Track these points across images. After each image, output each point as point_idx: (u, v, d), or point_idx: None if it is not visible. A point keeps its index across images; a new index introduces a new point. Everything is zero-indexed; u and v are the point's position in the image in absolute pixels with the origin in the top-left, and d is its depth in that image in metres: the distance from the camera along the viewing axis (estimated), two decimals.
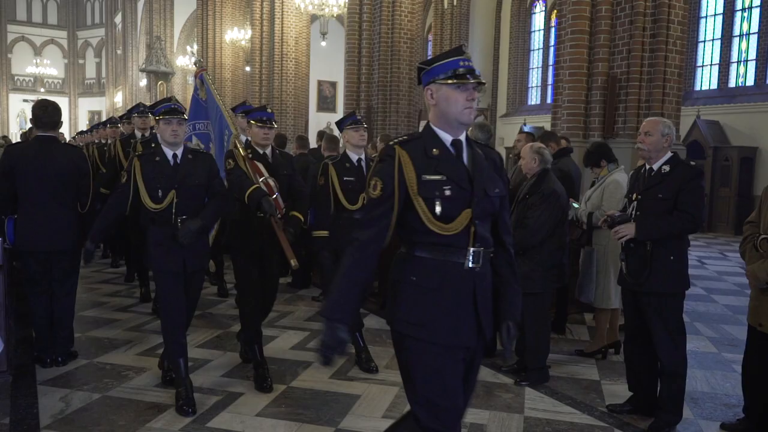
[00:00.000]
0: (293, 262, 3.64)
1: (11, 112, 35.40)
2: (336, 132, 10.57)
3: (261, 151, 3.94)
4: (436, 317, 2.04)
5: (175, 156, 3.57)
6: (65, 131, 23.87)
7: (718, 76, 14.88)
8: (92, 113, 37.23)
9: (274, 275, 4.15)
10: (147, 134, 5.76)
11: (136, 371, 4.09)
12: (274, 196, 3.80)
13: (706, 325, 5.72)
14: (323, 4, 13.64)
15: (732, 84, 14.62)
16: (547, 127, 9.08)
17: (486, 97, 20.30)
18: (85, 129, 14.47)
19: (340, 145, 5.66)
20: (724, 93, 14.56)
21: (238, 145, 3.94)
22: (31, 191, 4.00)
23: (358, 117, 4.34)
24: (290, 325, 5.33)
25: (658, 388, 3.47)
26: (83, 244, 4.29)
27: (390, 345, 3.69)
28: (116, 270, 7.50)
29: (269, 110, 4.00)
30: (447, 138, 2.11)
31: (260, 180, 3.80)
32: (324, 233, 4.18)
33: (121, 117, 7.51)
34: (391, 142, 2.12)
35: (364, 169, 4.24)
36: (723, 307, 6.54)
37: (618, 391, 3.93)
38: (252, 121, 3.91)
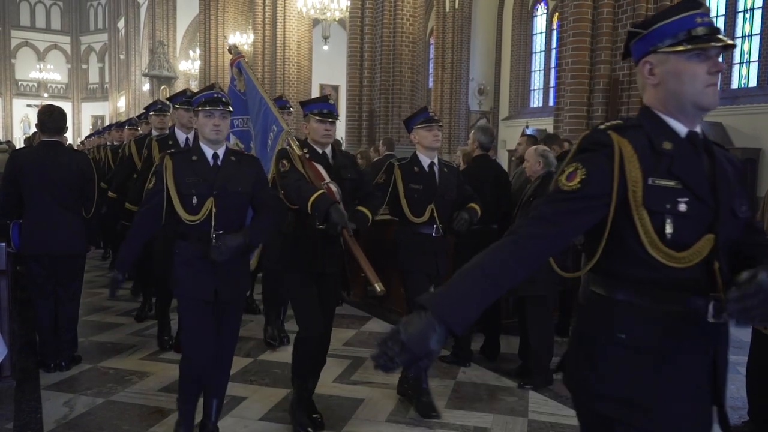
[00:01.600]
0: (378, 287, 2.86)
1: (15, 117, 35.52)
2: (339, 135, 10.59)
3: (320, 151, 3.30)
4: (665, 397, 1.41)
5: (215, 156, 2.95)
6: (68, 136, 23.99)
7: (721, 77, 14.85)
8: (95, 118, 37.34)
9: (333, 301, 3.46)
10: (166, 133, 5.09)
11: (139, 376, 4.09)
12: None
13: None
14: (325, 8, 13.68)
15: (735, 85, 14.60)
16: (550, 129, 9.08)
17: (488, 100, 20.30)
18: (95, 131, 14.21)
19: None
20: (726, 94, 14.53)
21: (292, 143, 3.34)
22: (36, 196, 4.01)
23: (431, 113, 3.75)
24: (295, 328, 5.32)
25: None
26: (88, 249, 4.32)
27: None
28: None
29: (331, 101, 3.35)
30: (681, 129, 1.53)
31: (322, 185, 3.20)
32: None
33: (139, 117, 6.92)
34: (601, 126, 1.54)
35: (437, 177, 3.72)
36: None
37: None
38: (310, 114, 3.28)
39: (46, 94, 35.35)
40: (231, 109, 2.95)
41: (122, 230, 4.42)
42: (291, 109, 5.51)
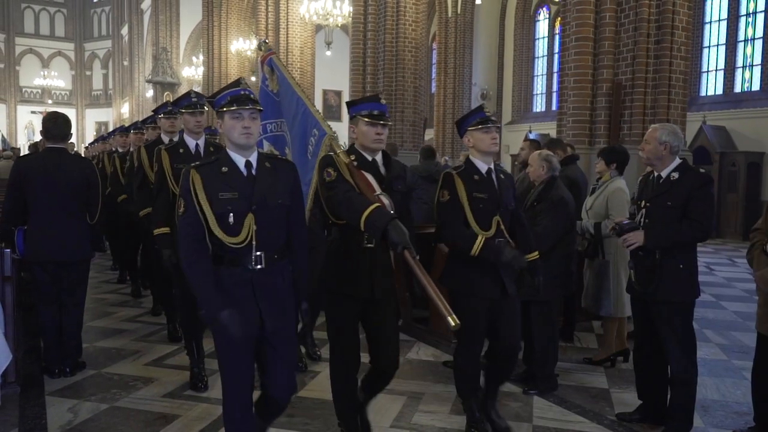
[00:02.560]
0: (452, 321, 2.50)
1: (19, 123, 35.69)
2: (344, 139, 10.59)
3: (370, 158, 2.91)
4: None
5: (248, 165, 2.49)
6: (73, 142, 23.94)
7: (724, 81, 14.87)
8: (99, 124, 37.48)
9: (392, 329, 3.01)
10: (176, 138, 4.59)
11: (143, 381, 4.09)
12: None
13: (715, 332, 5.68)
14: (328, 14, 13.74)
15: (738, 89, 14.60)
16: (553, 134, 9.08)
17: (491, 105, 20.31)
18: (99, 137, 13.92)
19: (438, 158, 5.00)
20: (729, 98, 14.53)
21: (338, 149, 2.95)
22: (40, 202, 4.03)
23: (487, 113, 3.30)
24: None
25: (668, 397, 3.45)
26: (92, 255, 4.33)
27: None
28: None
29: (382, 101, 2.96)
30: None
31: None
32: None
33: (144, 120, 6.44)
34: None
35: (495, 183, 3.26)
36: (732, 313, 6.50)
37: (627, 399, 3.90)
38: (358, 116, 2.89)
39: (50, 101, 35.53)
40: (261, 108, 2.52)
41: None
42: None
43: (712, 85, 15.22)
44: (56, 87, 36.69)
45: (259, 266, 2.45)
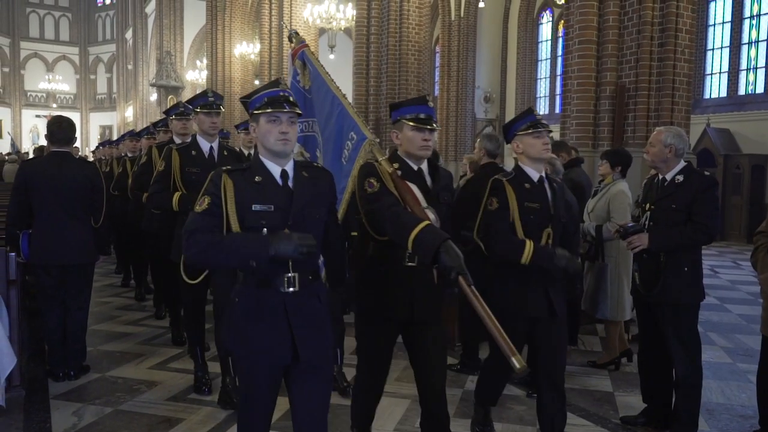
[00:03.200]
0: (517, 362, 2.13)
1: (24, 127, 35.84)
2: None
3: (415, 167, 2.64)
4: None
5: (284, 174, 2.22)
6: (78, 146, 24.12)
7: (728, 83, 14.84)
8: (103, 128, 37.66)
9: (437, 357, 2.70)
10: (188, 141, 4.32)
11: (147, 385, 4.10)
12: None
13: (720, 335, 5.66)
14: (331, 17, 13.76)
15: (741, 92, 14.56)
16: (556, 137, 9.05)
17: (494, 108, 20.32)
18: (106, 140, 13.71)
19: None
20: (733, 101, 14.50)
21: (379, 157, 2.66)
22: (45, 206, 4.05)
23: (537, 116, 3.04)
24: None
25: (673, 400, 3.43)
26: (97, 258, 4.34)
27: (402, 357, 3.66)
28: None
29: (430, 103, 2.67)
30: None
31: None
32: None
33: (156, 124, 6.19)
34: None
35: (548, 192, 3.01)
36: (737, 316, 6.47)
37: (632, 402, 3.89)
38: (403, 120, 2.62)
39: (54, 105, 35.69)
40: (300, 112, 2.27)
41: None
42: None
43: (715, 87, 15.19)
44: (61, 91, 36.86)
45: (292, 288, 2.18)
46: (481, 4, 18.58)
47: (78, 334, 4.26)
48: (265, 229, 2.12)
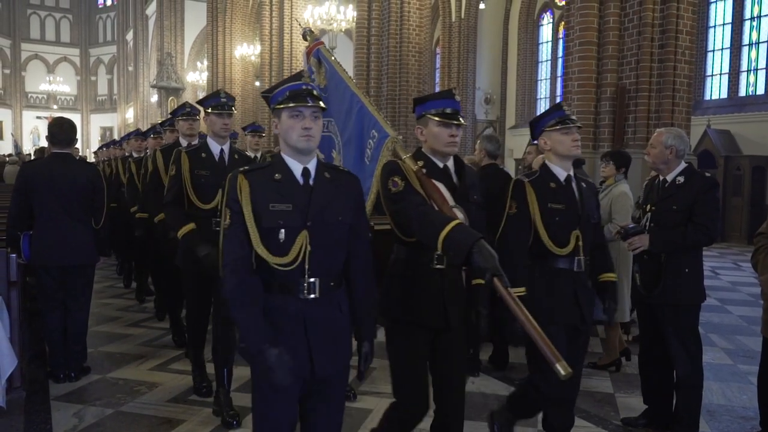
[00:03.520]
0: (562, 369, 1.96)
1: (25, 129, 35.88)
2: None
3: (441, 164, 2.53)
4: None
5: (306, 173, 2.11)
6: (78, 147, 24.16)
7: (728, 85, 14.84)
8: (104, 129, 37.72)
9: (460, 364, 2.60)
10: (195, 142, 4.35)
11: (148, 386, 4.10)
12: None
13: (721, 337, 5.66)
14: (332, 19, 13.78)
15: (742, 93, 14.57)
16: None
17: (494, 109, 20.34)
18: (109, 141, 13.48)
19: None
20: (734, 102, 14.51)
21: (403, 154, 2.57)
22: (46, 207, 4.05)
23: (566, 112, 2.87)
24: None
25: (674, 401, 3.43)
26: (98, 260, 4.34)
27: None
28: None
29: (457, 97, 2.55)
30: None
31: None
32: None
33: (162, 123, 5.98)
34: None
35: (575, 192, 2.84)
36: (738, 318, 6.47)
37: (633, 404, 3.89)
38: (428, 115, 2.50)
39: (55, 106, 35.74)
40: (324, 106, 2.14)
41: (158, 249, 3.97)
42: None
43: (716, 88, 15.20)
44: (61, 92, 36.92)
45: (312, 295, 2.05)
46: (482, 6, 18.61)
47: (79, 335, 4.26)
48: (283, 230, 2.01)
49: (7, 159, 16.58)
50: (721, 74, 15.07)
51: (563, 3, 13.16)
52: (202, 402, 3.82)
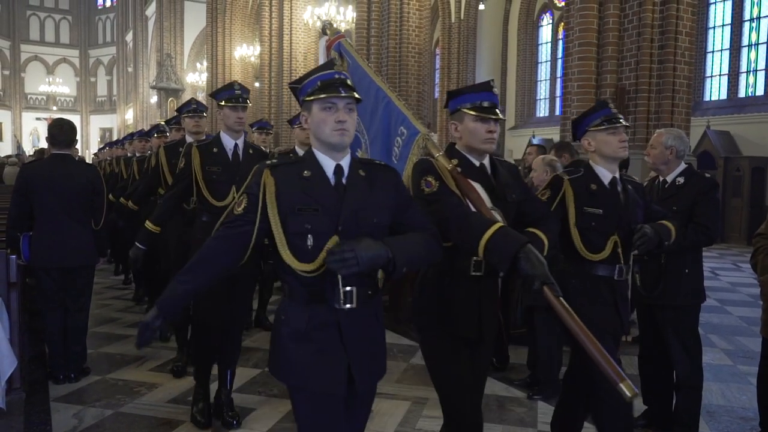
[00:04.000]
0: (627, 390, 1.77)
1: (24, 130, 35.89)
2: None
3: (477, 162, 2.33)
4: None
5: (338, 170, 1.92)
6: (78, 149, 24.14)
7: (728, 86, 14.85)
8: (104, 130, 37.72)
9: (483, 377, 2.47)
10: (203, 139, 4.05)
11: (148, 387, 4.09)
12: None
13: (720, 337, 5.66)
14: (331, 19, 13.78)
15: (741, 94, 14.58)
16: (556, 139, 9.08)
17: None
18: (110, 142, 13.33)
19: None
20: (733, 103, 14.52)
21: (435, 152, 2.37)
22: (46, 208, 4.05)
23: (613, 110, 2.69)
24: None
25: (674, 402, 3.43)
26: (97, 261, 4.34)
27: (401, 359, 3.67)
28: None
29: (495, 90, 2.36)
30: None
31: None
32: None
33: (168, 121, 5.83)
34: None
35: (620, 197, 2.68)
36: (737, 318, 6.47)
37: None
38: (463, 110, 2.30)
39: (54, 107, 35.76)
40: (359, 97, 1.95)
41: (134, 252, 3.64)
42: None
43: (715, 90, 15.21)
44: (61, 93, 36.93)
45: (348, 305, 1.86)
46: (481, 7, 18.62)
47: (78, 336, 4.26)
48: (311, 235, 1.82)
49: (7, 160, 16.57)
50: (720, 75, 15.08)
51: (563, 4, 13.17)
52: None
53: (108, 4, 38.55)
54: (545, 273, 1.89)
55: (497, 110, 2.29)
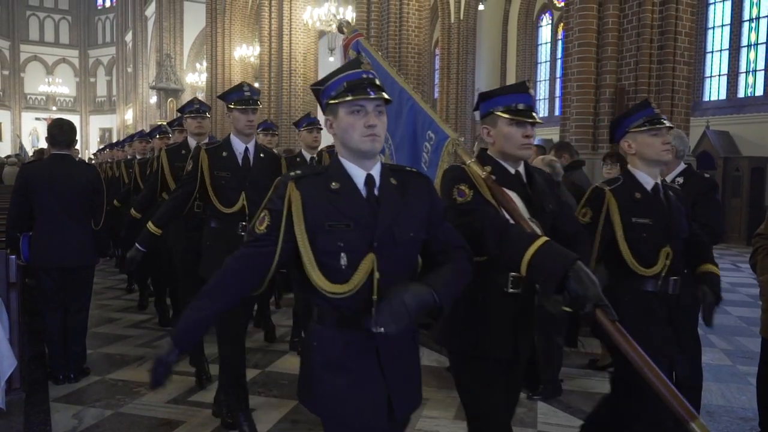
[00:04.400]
0: (698, 428, 1.64)
1: (24, 130, 35.87)
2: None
3: (512, 170, 2.17)
4: None
5: (369, 181, 1.73)
6: (78, 149, 24.13)
7: (727, 86, 14.87)
8: (103, 131, 37.70)
9: (515, 400, 2.37)
10: (204, 141, 4.12)
11: (148, 387, 4.09)
12: None
13: (720, 338, 5.66)
14: (331, 20, 13.79)
15: (741, 94, 14.59)
16: (556, 139, 9.08)
17: None
18: (109, 144, 13.13)
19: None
20: (733, 103, 14.53)
21: (466, 158, 2.17)
22: (46, 208, 4.05)
23: (656, 110, 2.53)
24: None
25: None
26: (97, 261, 4.34)
27: None
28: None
29: (531, 91, 2.21)
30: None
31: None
32: None
33: (170, 123, 5.68)
34: None
35: (664, 203, 2.51)
36: (737, 318, 6.48)
37: None
38: (496, 113, 2.12)
39: (54, 108, 35.74)
40: (389, 98, 1.75)
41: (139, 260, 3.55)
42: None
43: (715, 90, 15.22)
44: (61, 94, 36.92)
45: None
46: (481, 7, 18.63)
47: (78, 336, 4.26)
48: (344, 254, 1.64)
49: (7, 160, 16.57)
50: (720, 75, 15.10)
51: (562, 4, 13.18)
52: (202, 403, 3.82)
53: (107, 4, 38.53)
54: (598, 294, 1.69)
55: (534, 113, 2.12)
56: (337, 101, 1.70)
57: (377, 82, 1.73)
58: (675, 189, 2.66)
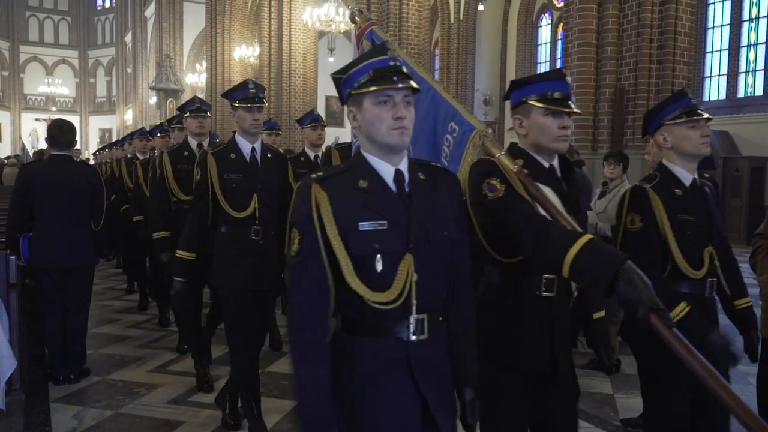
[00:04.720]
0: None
1: (23, 131, 35.87)
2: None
3: (546, 163, 2.00)
4: None
5: (399, 177, 1.59)
6: (77, 149, 24.12)
7: (727, 86, 14.87)
8: (103, 131, 37.70)
9: (571, 425, 2.05)
10: (205, 141, 4.10)
11: (147, 388, 4.09)
12: None
13: None
14: (330, 20, 13.80)
15: (740, 94, 14.59)
16: None
17: (493, 111, 20.35)
18: (110, 143, 13.06)
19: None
20: (732, 103, 14.53)
21: (495, 151, 2.03)
22: (46, 209, 4.05)
23: (693, 101, 2.42)
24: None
25: None
26: (97, 261, 4.34)
27: None
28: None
29: (567, 78, 2.00)
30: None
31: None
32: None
33: (170, 121, 5.49)
34: None
35: (704, 200, 2.37)
36: None
37: (632, 404, 3.89)
38: (530, 102, 1.95)
39: (54, 108, 35.75)
40: (418, 87, 1.61)
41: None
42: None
43: (714, 90, 15.22)
44: (60, 94, 36.92)
45: (419, 336, 1.55)
46: (481, 7, 18.64)
47: (78, 337, 4.26)
48: (380, 256, 1.50)
49: (6, 161, 16.57)
50: (719, 75, 15.10)
51: (562, 4, 13.19)
52: (202, 403, 3.82)
53: (107, 4, 38.53)
54: (653, 298, 1.47)
55: (570, 102, 1.93)
56: (361, 91, 1.55)
57: (404, 70, 1.58)
58: (708, 185, 2.48)
